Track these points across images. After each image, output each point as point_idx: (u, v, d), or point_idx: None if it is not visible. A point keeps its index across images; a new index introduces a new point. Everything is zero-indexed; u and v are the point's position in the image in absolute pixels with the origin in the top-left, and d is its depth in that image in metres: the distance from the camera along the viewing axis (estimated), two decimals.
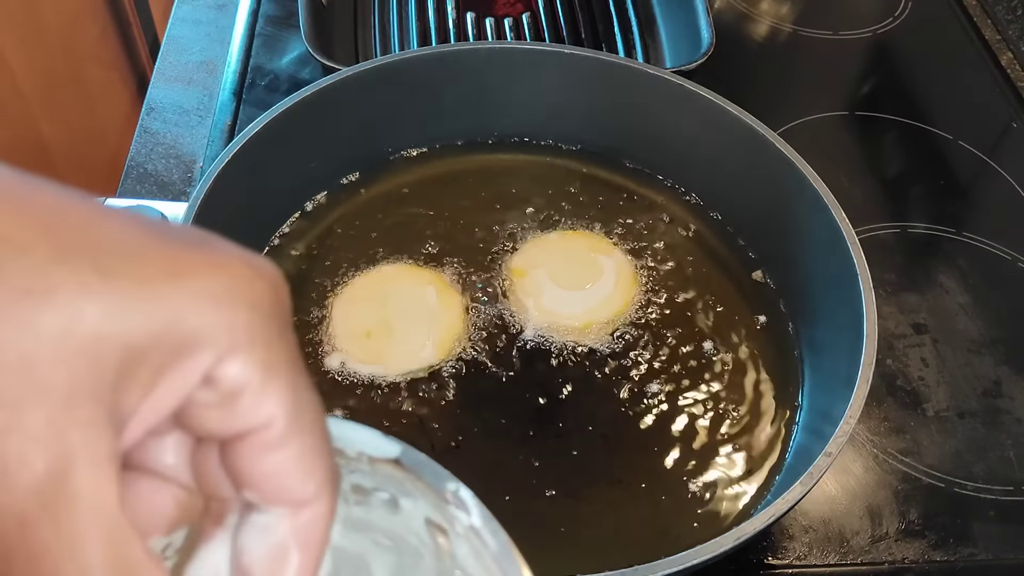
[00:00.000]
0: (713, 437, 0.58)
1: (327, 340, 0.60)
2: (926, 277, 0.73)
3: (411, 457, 0.30)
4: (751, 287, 0.66)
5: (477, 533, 0.29)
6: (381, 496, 0.32)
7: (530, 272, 0.64)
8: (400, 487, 0.31)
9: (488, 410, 0.58)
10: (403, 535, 0.33)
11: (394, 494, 0.31)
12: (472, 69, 0.69)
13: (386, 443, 0.30)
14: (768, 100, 0.85)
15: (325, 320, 0.61)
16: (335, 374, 0.59)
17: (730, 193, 0.68)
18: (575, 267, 0.65)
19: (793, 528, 0.58)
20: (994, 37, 0.93)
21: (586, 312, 0.63)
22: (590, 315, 0.62)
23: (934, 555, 0.58)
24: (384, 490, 0.32)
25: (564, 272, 0.64)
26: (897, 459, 0.62)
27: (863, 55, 0.94)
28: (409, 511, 0.31)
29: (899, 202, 0.79)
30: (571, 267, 0.65)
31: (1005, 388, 0.66)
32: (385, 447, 0.30)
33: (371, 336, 0.60)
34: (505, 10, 0.87)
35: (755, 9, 0.96)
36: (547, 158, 0.73)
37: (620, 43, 0.85)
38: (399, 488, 0.31)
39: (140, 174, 0.75)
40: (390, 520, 0.32)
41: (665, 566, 0.45)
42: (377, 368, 0.59)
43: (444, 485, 0.29)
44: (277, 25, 0.88)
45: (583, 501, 0.55)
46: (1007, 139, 0.85)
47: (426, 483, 0.30)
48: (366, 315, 0.61)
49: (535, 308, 0.62)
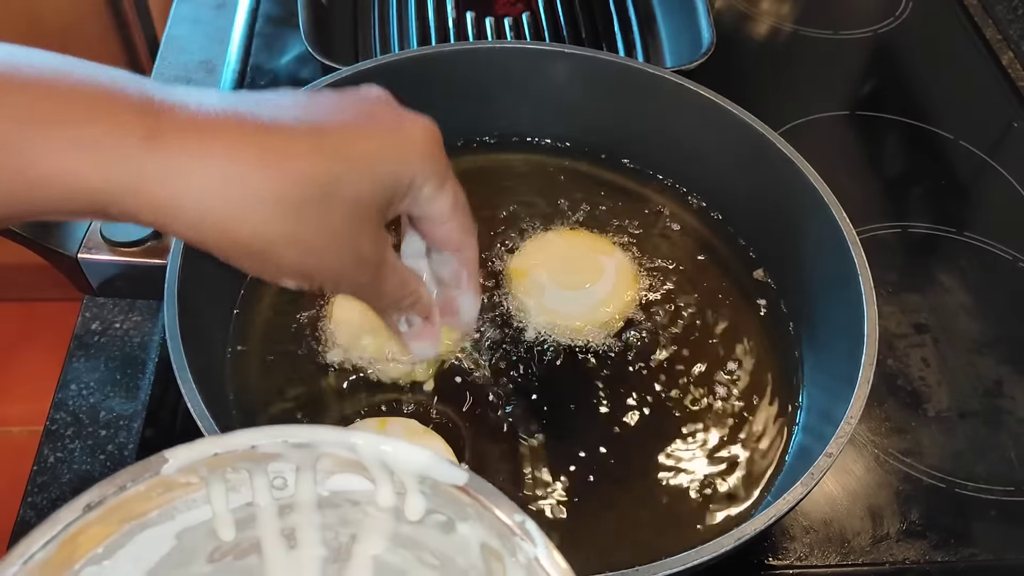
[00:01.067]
0: (713, 437, 0.58)
1: (329, 336, 0.60)
2: (927, 277, 0.73)
3: (479, 485, 0.31)
4: (752, 287, 0.66)
5: (540, 564, 0.30)
6: (437, 518, 0.33)
7: (531, 272, 0.64)
8: (460, 511, 0.32)
9: (487, 408, 0.58)
10: (452, 556, 0.33)
11: (451, 517, 0.32)
12: (472, 69, 0.69)
13: (455, 470, 0.31)
14: (769, 100, 0.85)
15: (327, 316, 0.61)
16: (337, 367, 0.59)
17: (731, 193, 0.68)
18: (576, 266, 0.65)
19: (794, 529, 0.58)
20: (995, 37, 0.93)
21: (587, 311, 0.62)
22: (591, 315, 0.62)
23: (935, 555, 0.57)
24: (441, 512, 0.32)
25: (565, 272, 0.64)
26: (898, 459, 0.62)
27: (864, 55, 0.93)
28: (465, 535, 0.32)
29: (900, 202, 0.79)
30: (572, 266, 0.64)
31: (1006, 388, 0.66)
32: (454, 474, 0.31)
33: (373, 332, 0.60)
34: (505, 10, 0.87)
35: (755, 8, 0.96)
36: (547, 157, 0.73)
37: (620, 42, 0.85)
38: (458, 512, 0.32)
39: None
40: (442, 541, 0.33)
41: (666, 566, 0.45)
42: (380, 364, 0.59)
43: (512, 516, 0.30)
44: (277, 25, 0.88)
45: (583, 501, 0.54)
46: (1008, 139, 0.85)
47: (492, 511, 0.31)
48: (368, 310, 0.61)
49: (536, 307, 0.62)
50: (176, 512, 0.32)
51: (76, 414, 0.60)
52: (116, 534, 0.31)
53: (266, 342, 0.61)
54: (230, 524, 0.33)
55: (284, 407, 0.58)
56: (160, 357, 0.63)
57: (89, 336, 0.65)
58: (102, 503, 0.30)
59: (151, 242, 0.58)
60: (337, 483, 0.33)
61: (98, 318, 0.66)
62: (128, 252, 0.58)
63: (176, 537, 0.32)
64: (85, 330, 0.65)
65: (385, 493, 0.33)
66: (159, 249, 0.58)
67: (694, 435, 0.58)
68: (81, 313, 0.66)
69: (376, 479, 0.32)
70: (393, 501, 0.33)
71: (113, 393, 0.62)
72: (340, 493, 0.33)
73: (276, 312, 0.62)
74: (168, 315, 0.52)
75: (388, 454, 0.31)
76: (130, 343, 0.64)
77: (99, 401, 0.61)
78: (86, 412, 0.61)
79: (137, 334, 0.65)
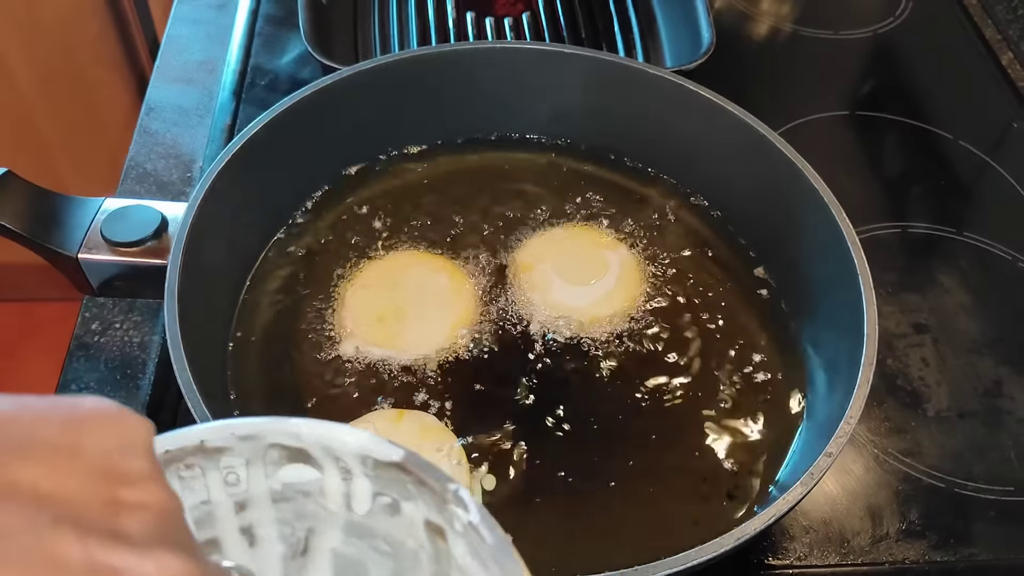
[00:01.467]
0: (714, 436, 0.58)
1: (339, 326, 0.61)
2: (927, 277, 0.73)
3: (414, 460, 0.31)
4: (752, 286, 0.66)
5: (475, 530, 0.30)
6: (383, 501, 0.33)
7: (536, 266, 0.64)
8: (402, 490, 0.32)
9: (491, 402, 0.58)
10: (402, 540, 0.34)
11: (396, 498, 0.33)
12: (472, 69, 0.69)
13: (390, 447, 0.31)
14: (768, 100, 0.85)
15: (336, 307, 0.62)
16: (349, 359, 0.59)
17: (731, 192, 0.68)
18: (581, 262, 0.65)
19: (794, 528, 0.58)
20: (995, 37, 0.93)
21: (591, 306, 0.63)
22: (595, 309, 0.63)
23: (935, 555, 0.57)
24: (386, 494, 0.33)
25: (570, 267, 0.64)
26: (898, 459, 0.62)
27: (863, 55, 0.93)
28: (410, 514, 0.33)
29: (900, 202, 0.79)
30: (577, 262, 0.65)
31: (1006, 388, 0.66)
32: (389, 451, 0.31)
33: (383, 321, 0.60)
34: (505, 10, 0.87)
35: (755, 9, 0.96)
36: (547, 157, 0.73)
37: (620, 43, 0.85)
38: (401, 492, 0.32)
39: (140, 174, 0.75)
40: (390, 524, 0.33)
41: (665, 566, 0.44)
42: (390, 352, 0.59)
43: (445, 485, 0.31)
44: (277, 25, 0.88)
45: (583, 500, 0.54)
46: (1008, 139, 0.85)
47: (428, 484, 0.31)
48: (378, 300, 0.62)
49: (541, 302, 0.63)
50: None
51: None
52: None
53: (267, 341, 0.61)
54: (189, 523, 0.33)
55: (286, 406, 0.58)
56: (160, 357, 0.63)
57: (89, 336, 0.65)
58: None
59: (151, 242, 0.58)
60: (287, 474, 0.33)
61: (98, 318, 0.66)
62: (128, 252, 0.58)
63: None
64: (85, 330, 0.65)
65: (332, 479, 0.33)
66: (159, 249, 0.58)
67: (694, 433, 0.58)
68: (81, 313, 0.66)
69: (323, 466, 0.33)
70: (341, 488, 0.33)
71: (113, 393, 0.61)
72: (291, 485, 0.33)
73: (277, 311, 0.62)
74: (168, 315, 0.52)
75: (328, 437, 0.32)
76: (130, 343, 0.64)
77: None
78: None
79: (137, 334, 0.65)
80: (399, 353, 0.60)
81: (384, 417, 0.57)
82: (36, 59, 1.22)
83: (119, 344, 0.64)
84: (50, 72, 1.24)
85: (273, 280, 0.64)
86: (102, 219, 0.58)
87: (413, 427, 0.56)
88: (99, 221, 0.58)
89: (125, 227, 0.58)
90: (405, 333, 0.60)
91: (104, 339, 0.65)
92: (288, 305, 0.62)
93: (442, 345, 0.60)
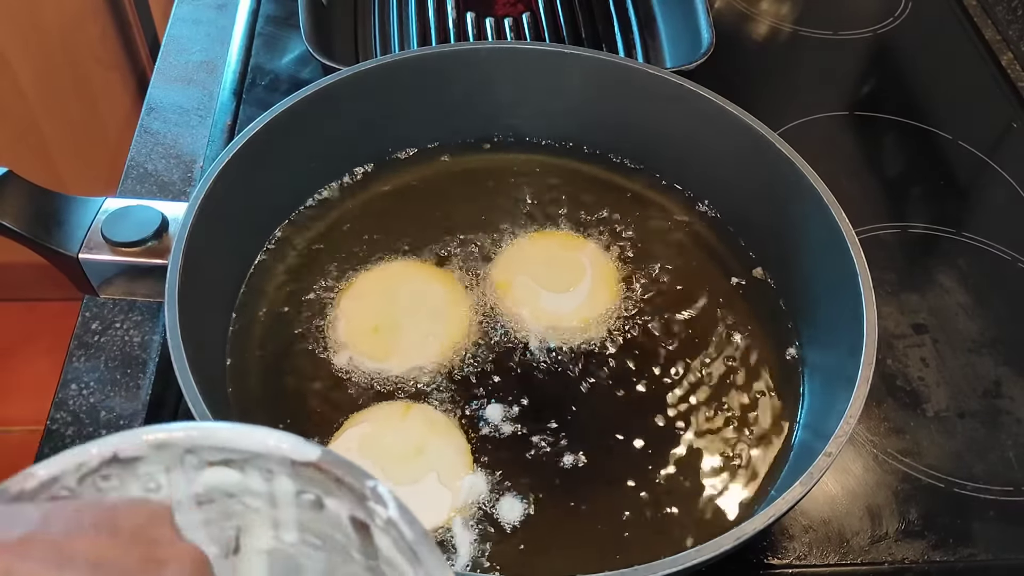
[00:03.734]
0: (713, 436, 0.58)
1: (333, 336, 0.60)
2: (926, 277, 0.73)
3: (330, 458, 0.32)
4: (751, 286, 0.66)
5: (395, 524, 0.31)
6: (307, 498, 0.33)
7: (515, 279, 0.64)
8: (324, 488, 0.33)
9: (488, 408, 0.58)
10: (330, 533, 0.34)
11: (319, 495, 0.33)
12: (472, 69, 0.69)
13: (307, 447, 0.32)
14: (768, 100, 0.85)
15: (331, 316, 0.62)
16: (342, 371, 0.59)
17: (730, 193, 0.68)
18: (558, 268, 0.65)
19: (793, 528, 0.58)
20: (994, 37, 0.93)
21: (577, 310, 0.63)
22: (581, 312, 0.63)
23: (934, 555, 0.58)
24: (309, 492, 0.33)
25: (549, 275, 0.64)
26: (897, 459, 0.62)
27: (863, 55, 0.93)
28: (334, 510, 0.33)
29: (899, 202, 0.79)
30: (554, 268, 0.65)
31: (1005, 388, 0.66)
32: (306, 450, 0.32)
33: (378, 332, 0.60)
34: (505, 10, 0.87)
35: (755, 9, 0.96)
36: (547, 157, 0.73)
37: (620, 43, 0.85)
38: (323, 489, 0.33)
39: (140, 174, 0.75)
40: (317, 519, 0.34)
41: (665, 566, 0.44)
42: (383, 364, 0.59)
43: (363, 482, 0.31)
44: (277, 25, 0.88)
45: (583, 501, 0.54)
46: (1007, 139, 0.85)
47: (346, 483, 0.32)
48: (373, 311, 0.62)
49: (529, 314, 0.62)
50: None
51: (76, 414, 0.61)
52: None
53: (267, 340, 0.61)
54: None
55: (286, 404, 0.58)
56: (160, 357, 0.63)
57: (89, 336, 0.65)
58: None
59: (152, 242, 0.58)
60: (209, 478, 0.33)
61: (98, 318, 0.66)
62: (129, 252, 0.58)
63: None
64: (85, 330, 0.65)
65: (254, 480, 0.33)
66: (160, 249, 0.58)
67: (693, 433, 0.58)
68: (81, 313, 0.66)
69: (244, 468, 0.33)
70: (264, 487, 0.34)
71: (113, 393, 0.62)
72: (214, 487, 0.34)
73: (278, 310, 0.62)
74: (169, 315, 0.52)
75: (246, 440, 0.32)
76: (130, 343, 0.64)
77: (99, 401, 0.61)
78: (86, 412, 0.61)
79: (137, 334, 0.65)
80: (393, 365, 0.59)
81: (391, 410, 0.57)
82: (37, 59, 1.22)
83: (119, 344, 0.64)
84: (51, 72, 1.24)
85: (272, 280, 0.64)
86: (103, 219, 0.58)
87: (420, 420, 0.56)
88: (100, 221, 0.58)
89: (126, 227, 0.58)
90: (400, 343, 0.60)
91: (104, 339, 0.65)
92: (287, 305, 0.62)
93: (437, 356, 0.60)
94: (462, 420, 0.57)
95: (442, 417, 0.57)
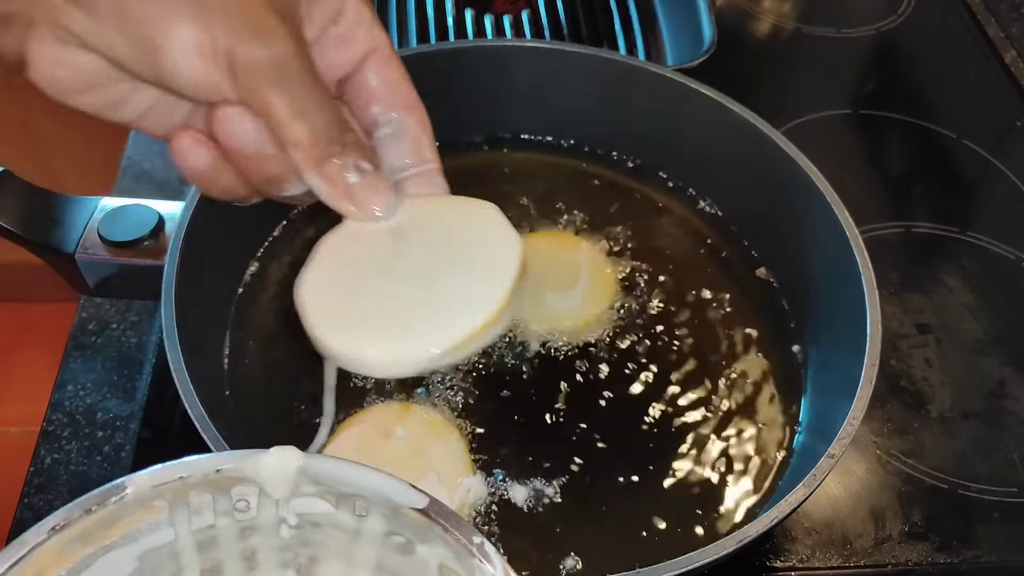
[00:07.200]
0: (715, 437, 0.57)
1: None
2: (930, 277, 0.72)
3: (438, 509, 0.32)
4: (754, 286, 0.65)
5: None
6: (396, 540, 0.33)
7: None
8: (419, 533, 0.32)
9: (488, 409, 0.57)
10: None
11: (410, 538, 0.33)
12: (471, 67, 0.69)
13: (415, 494, 0.32)
14: (771, 98, 0.84)
15: None
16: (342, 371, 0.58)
17: (733, 191, 0.68)
18: (555, 267, 0.64)
19: (796, 530, 0.58)
20: (998, 35, 0.93)
21: (577, 310, 0.62)
22: (581, 312, 0.62)
23: (938, 557, 0.57)
24: (400, 534, 0.33)
25: (547, 275, 0.64)
26: (900, 460, 0.61)
27: (866, 53, 0.93)
28: (424, 556, 0.33)
29: (903, 201, 0.79)
30: (552, 268, 0.64)
31: (1009, 389, 0.66)
32: (414, 498, 0.32)
33: None
34: (504, 8, 0.86)
35: (757, 7, 0.95)
36: (547, 156, 0.72)
37: (621, 40, 0.84)
38: (417, 534, 0.32)
39: (137, 173, 0.75)
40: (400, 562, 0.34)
41: (667, 568, 0.44)
42: None
43: (471, 537, 0.31)
44: None
45: (584, 502, 0.54)
46: (1011, 138, 0.85)
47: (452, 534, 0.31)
48: None
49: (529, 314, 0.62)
50: (139, 534, 0.32)
51: (73, 415, 0.60)
52: (80, 556, 0.31)
53: (265, 341, 0.60)
54: (192, 546, 0.34)
55: (283, 406, 0.57)
56: (157, 358, 0.63)
57: (86, 336, 0.64)
58: (67, 526, 0.30)
59: (148, 242, 0.58)
60: (299, 505, 0.33)
61: (95, 318, 0.65)
62: (125, 252, 0.57)
63: (138, 559, 0.33)
64: (82, 330, 0.65)
65: (346, 516, 0.33)
66: (156, 249, 0.57)
67: (696, 435, 0.57)
68: (78, 313, 0.66)
69: (338, 502, 0.33)
70: (354, 523, 0.33)
71: (110, 394, 0.61)
72: (303, 516, 0.34)
73: (275, 311, 0.62)
74: (165, 316, 0.51)
75: (348, 478, 0.32)
76: (127, 344, 0.64)
77: (96, 402, 0.61)
78: (83, 413, 0.60)
79: (134, 335, 0.64)
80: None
81: (389, 410, 0.56)
82: None
83: (116, 344, 0.64)
84: None
85: (270, 280, 0.63)
86: (99, 218, 0.58)
87: (418, 421, 0.56)
88: (96, 220, 0.58)
89: (122, 226, 0.58)
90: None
91: (101, 339, 0.64)
92: (286, 306, 0.62)
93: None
94: (461, 420, 0.57)
95: (441, 418, 0.56)
